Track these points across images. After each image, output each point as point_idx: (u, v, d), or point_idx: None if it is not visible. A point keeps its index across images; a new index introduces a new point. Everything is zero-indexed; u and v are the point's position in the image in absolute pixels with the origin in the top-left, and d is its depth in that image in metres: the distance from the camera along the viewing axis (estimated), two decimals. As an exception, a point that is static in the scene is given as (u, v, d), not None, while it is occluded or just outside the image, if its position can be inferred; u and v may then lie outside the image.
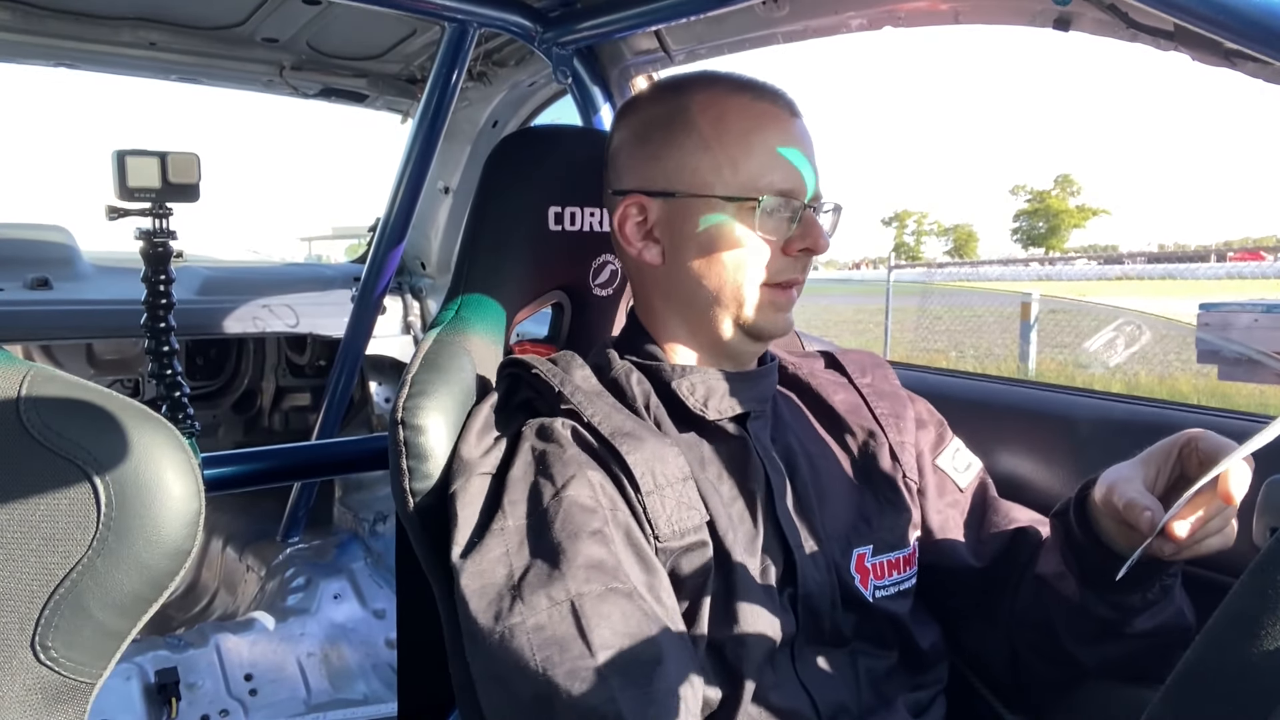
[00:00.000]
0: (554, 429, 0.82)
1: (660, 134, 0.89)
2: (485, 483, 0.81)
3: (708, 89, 0.89)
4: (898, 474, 0.97)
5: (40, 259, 2.19)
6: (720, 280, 0.87)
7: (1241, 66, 0.92)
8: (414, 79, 2.18)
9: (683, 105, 0.89)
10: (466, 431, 0.85)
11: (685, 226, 0.88)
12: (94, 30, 1.79)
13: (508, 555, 0.74)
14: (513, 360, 0.91)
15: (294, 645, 2.24)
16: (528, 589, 0.71)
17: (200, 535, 0.67)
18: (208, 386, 2.78)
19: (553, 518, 0.75)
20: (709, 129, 0.87)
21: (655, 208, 0.89)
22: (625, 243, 0.92)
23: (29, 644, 0.62)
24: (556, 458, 0.79)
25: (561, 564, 0.72)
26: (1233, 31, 0.71)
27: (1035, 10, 1.10)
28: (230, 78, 2.13)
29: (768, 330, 0.90)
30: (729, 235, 0.86)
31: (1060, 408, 1.24)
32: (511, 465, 0.81)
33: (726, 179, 0.86)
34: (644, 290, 0.95)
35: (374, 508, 2.66)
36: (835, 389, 1.01)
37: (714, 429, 0.89)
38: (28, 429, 0.63)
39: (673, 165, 0.88)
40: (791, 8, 1.34)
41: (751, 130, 0.86)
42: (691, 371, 0.90)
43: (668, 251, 0.90)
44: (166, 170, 1.65)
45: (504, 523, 0.76)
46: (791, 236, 0.87)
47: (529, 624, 0.69)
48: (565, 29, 1.56)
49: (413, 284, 2.62)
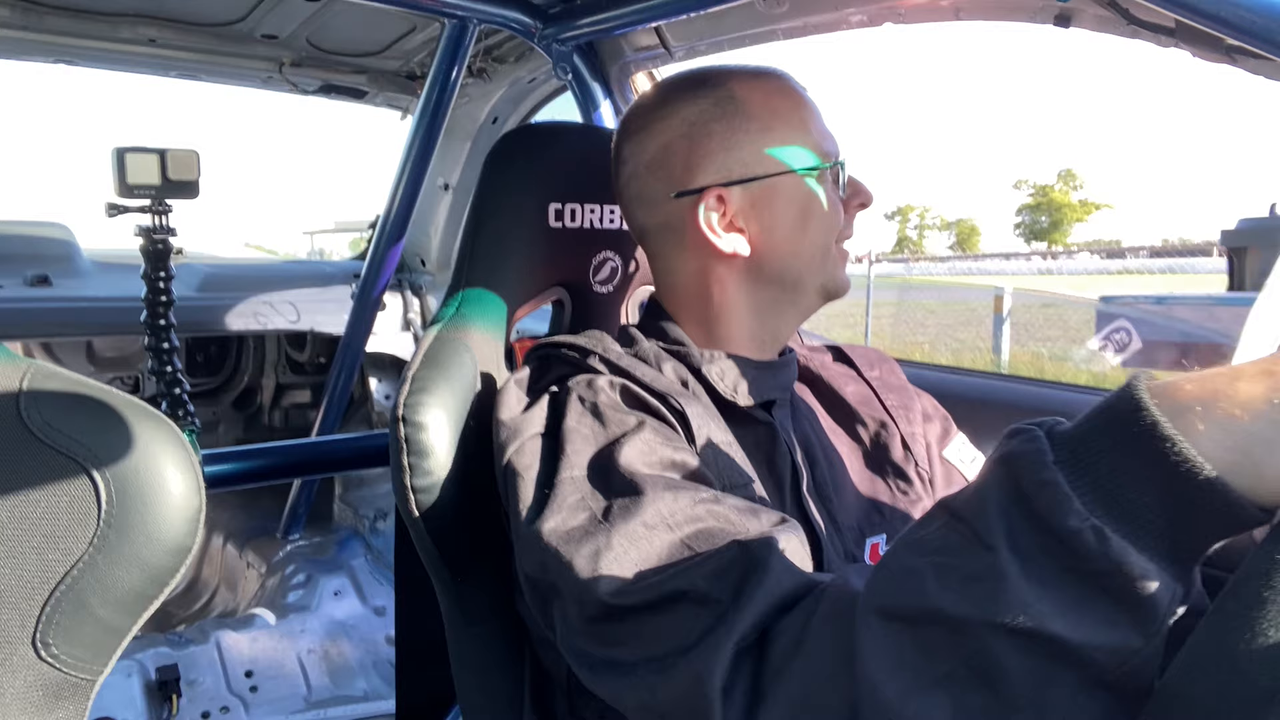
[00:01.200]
0: (600, 384, 0.81)
1: (718, 125, 0.89)
2: (539, 443, 0.79)
3: (740, 78, 0.91)
4: (910, 464, 0.97)
5: (40, 256, 2.19)
6: (812, 249, 0.90)
7: (1242, 63, 0.92)
8: (414, 75, 2.18)
9: (728, 95, 0.90)
10: (503, 403, 0.84)
11: (776, 206, 0.89)
12: (93, 27, 1.79)
13: (584, 500, 0.72)
14: (543, 344, 0.91)
15: (294, 642, 2.24)
16: (618, 523, 0.68)
17: (201, 532, 0.67)
18: (208, 383, 2.78)
19: (617, 459, 0.73)
20: (765, 112, 0.89)
21: (736, 197, 0.89)
22: (712, 236, 0.89)
23: (30, 641, 0.62)
24: (610, 408, 0.79)
25: (644, 493, 0.69)
26: (1233, 27, 0.71)
27: (1036, 6, 1.10)
28: (230, 74, 2.13)
29: (843, 287, 0.94)
30: (814, 204, 0.89)
31: (1059, 403, 1.24)
32: (564, 417, 0.78)
33: (799, 152, 0.88)
34: (708, 284, 0.92)
35: (374, 505, 2.66)
36: (846, 381, 1.02)
37: (742, 415, 0.89)
38: (28, 426, 0.63)
39: (744, 152, 0.88)
40: (791, 4, 1.34)
41: (795, 107, 0.90)
42: (719, 358, 0.90)
43: (757, 236, 0.89)
44: (166, 167, 1.65)
45: (571, 471, 0.74)
46: (847, 195, 0.92)
47: (631, 554, 0.66)
48: (565, 25, 1.56)
49: (413, 281, 2.62)
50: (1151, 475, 0.43)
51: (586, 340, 0.88)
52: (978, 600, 0.46)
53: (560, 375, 0.87)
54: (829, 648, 0.54)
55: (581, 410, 0.79)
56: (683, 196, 0.90)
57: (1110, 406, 0.45)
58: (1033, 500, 0.46)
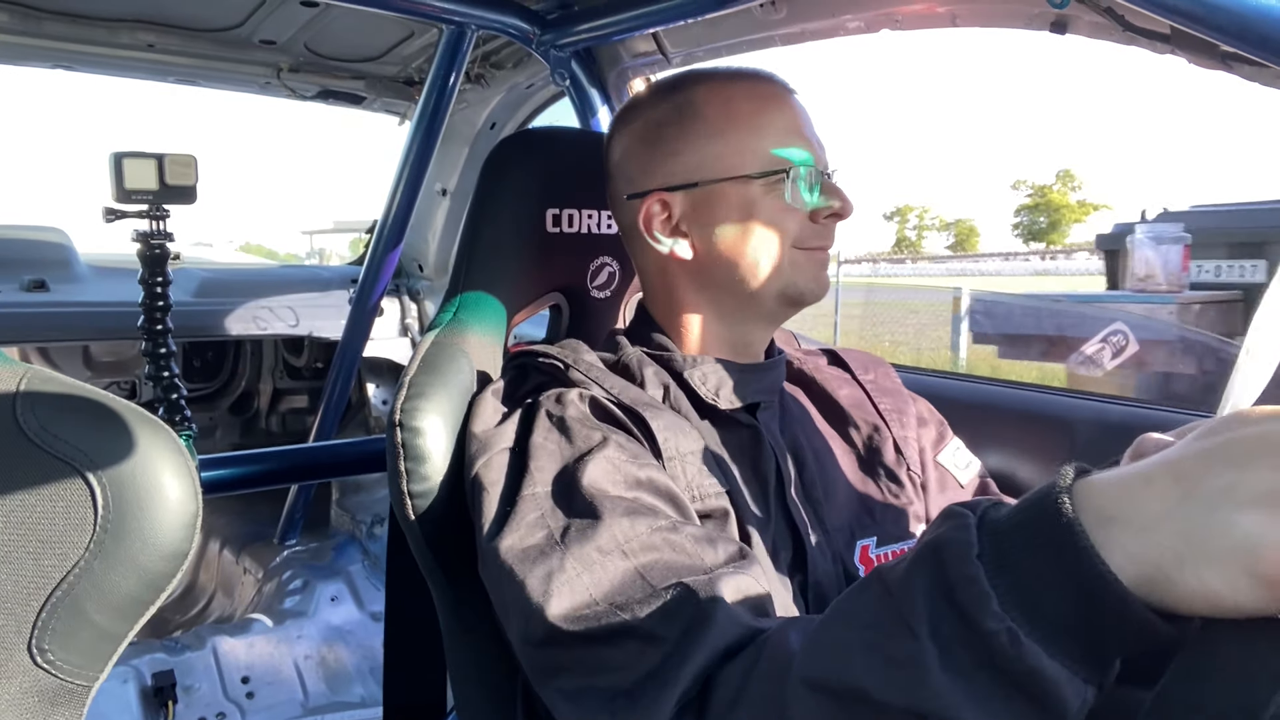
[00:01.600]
0: (570, 397, 0.82)
1: (671, 130, 0.90)
2: (506, 458, 0.80)
3: (707, 81, 0.91)
4: (901, 467, 0.97)
5: (37, 261, 2.18)
6: (754, 255, 0.89)
7: (1238, 70, 0.93)
8: (412, 81, 2.18)
9: (688, 100, 0.91)
10: (476, 416, 0.85)
11: (716, 212, 0.89)
12: (92, 32, 1.79)
13: (544, 518, 0.72)
14: (519, 353, 0.92)
15: (291, 648, 2.24)
16: (574, 546, 0.69)
17: (197, 538, 0.67)
18: (205, 388, 2.78)
19: (579, 479, 0.74)
20: (719, 117, 0.89)
21: (679, 202, 0.90)
22: (654, 241, 0.92)
23: (26, 647, 0.62)
24: (577, 422, 0.79)
25: (603, 516, 0.70)
26: (1229, 34, 0.72)
27: (1032, 13, 1.10)
28: (228, 80, 2.13)
29: (808, 291, 0.91)
30: (759, 210, 0.88)
31: (1057, 409, 1.24)
32: (531, 433, 0.79)
33: (747, 159, 0.88)
34: (670, 287, 0.94)
35: (371, 510, 2.66)
36: (839, 384, 1.02)
37: (725, 419, 0.90)
38: (24, 431, 0.62)
39: (690, 157, 0.89)
40: (789, 10, 1.34)
41: (759, 110, 0.89)
42: (702, 362, 0.91)
43: (699, 241, 0.90)
44: (164, 172, 1.65)
45: (533, 489, 0.75)
46: (817, 205, 0.89)
47: (585, 578, 0.67)
48: (563, 31, 1.56)
49: (410, 286, 2.62)
50: (1066, 582, 0.43)
51: (560, 351, 0.89)
52: (899, 686, 0.47)
53: (536, 385, 0.88)
54: (763, 709, 0.55)
55: (549, 426, 0.80)
56: (632, 199, 0.93)
57: (1035, 503, 0.45)
58: (955, 591, 0.46)
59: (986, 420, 1.25)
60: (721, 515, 0.81)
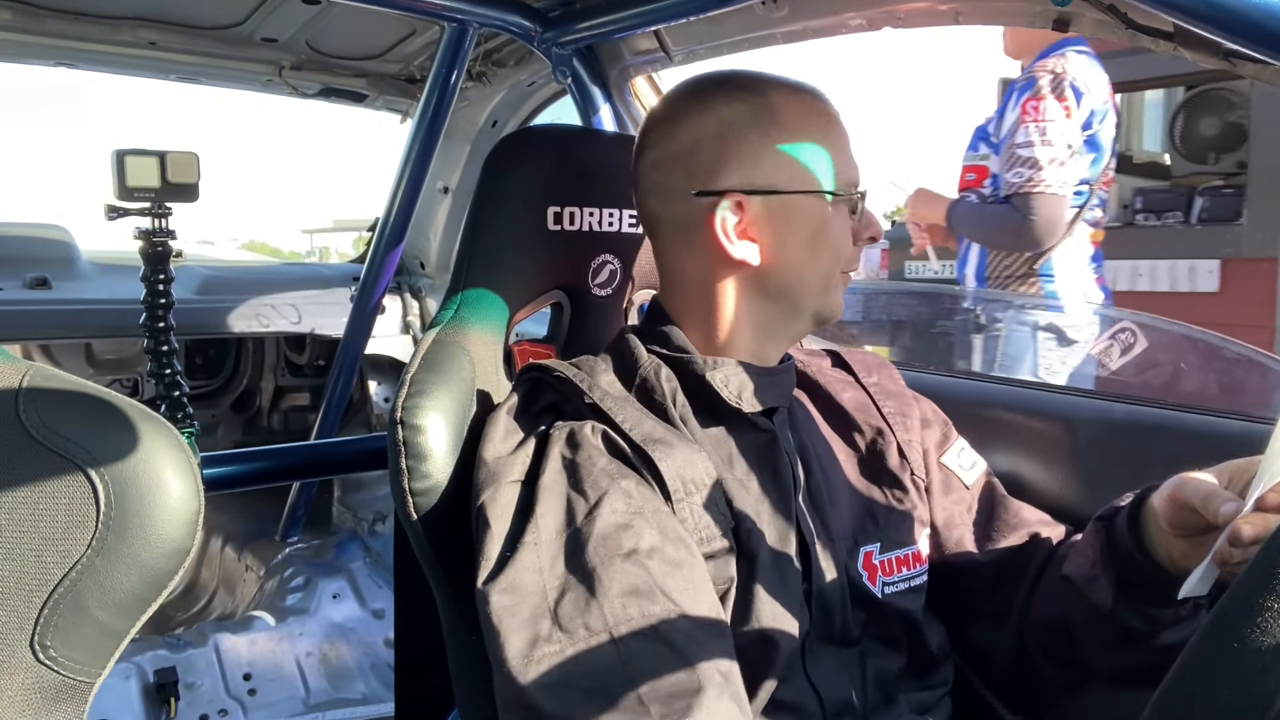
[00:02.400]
0: (584, 435, 0.80)
1: (750, 132, 0.88)
2: (515, 491, 0.79)
3: (781, 88, 0.90)
4: (905, 472, 0.97)
5: (39, 258, 2.19)
6: (819, 272, 0.90)
7: (1240, 67, 0.92)
8: (413, 79, 2.18)
9: (766, 103, 0.89)
10: (488, 438, 0.84)
11: (792, 223, 0.88)
12: (93, 30, 1.79)
13: (541, 573, 0.72)
14: (533, 366, 0.90)
15: (293, 645, 2.24)
16: (564, 616, 0.69)
17: (199, 535, 0.67)
18: (207, 386, 2.78)
19: (587, 537, 0.73)
20: (798, 128, 0.88)
21: (755, 206, 0.88)
22: (724, 241, 0.88)
23: (28, 643, 0.62)
24: (588, 469, 0.78)
25: (598, 590, 0.70)
26: (1232, 32, 0.71)
27: (1035, 11, 1.10)
28: (230, 77, 2.13)
29: (835, 314, 0.93)
30: (832, 229, 0.89)
31: (1061, 409, 1.24)
32: (541, 472, 0.78)
33: (825, 174, 0.88)
34: (714, 290, 0.91)
35: (373, 507, 2.66)
36: (843, 387, 1.02)
37: (743, 423, 0.89)
38: (27, 428, 0.62)
39: (771, 164, 0.88)
40: (791, 8, 1.34)
41: (828, 127, 0.90)
42: (723, 364, 0.89)
43: (769, 249, 0.88)
44: (166, 170, 1.65)
45: (536, 535, 0.74)
46: (858, 227, 0.92)
47: (567, 653, 0.67)
48: (565, 29, 1.56)
49: (412, 283, 2.62)
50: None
51: (576, 374, 0.86)
52: None
53: (550, 404, 0.87)
54: None
55: (559, 467, 0.79)
56: (703, 196, 0.89)
57: None
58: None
59: (989, 419, 1.24)
60: (725, 555, 0.80)
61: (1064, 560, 0.93)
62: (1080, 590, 0.89)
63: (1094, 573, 0.88)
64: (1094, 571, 0.88)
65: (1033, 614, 0.94)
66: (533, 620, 0.69)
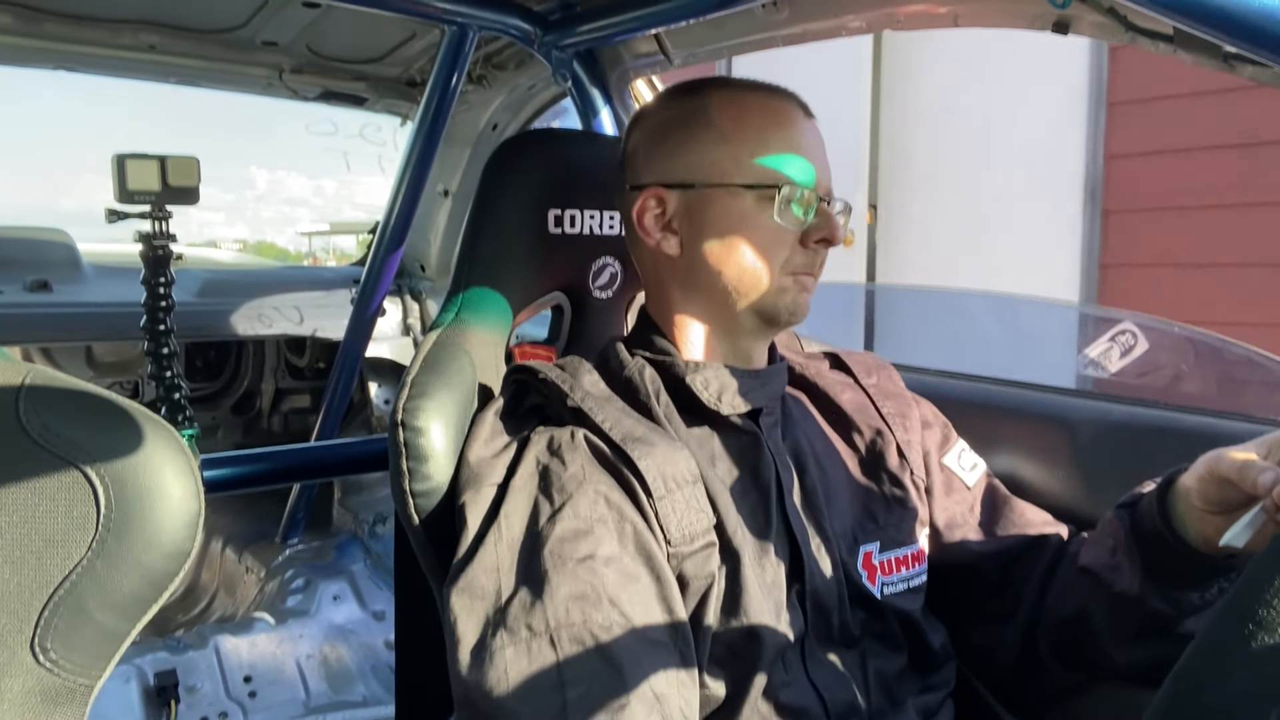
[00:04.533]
0: (562, 440, 0.82)
1: (679, 130, 0.92)
2: (491, 494, 0.80)
3: (725, 89, 0.92)
4: (905, 472, 0.97)
5: (40, 261, 2.19)
6: (739, 268, 0.89)
7: (1240, 70, 0.93)
8: (414, 82, 2.18)
9: (702, 104, 0.91)
10: (473, 439, 0.85)
11: (704, 216, 0.89)
12: (93, 33, 1.79)
13: (498, 572, 0.74)
14: (518, 367, 0.91)
15: (293, 647, 2.24)
16: (511, 616, 0.71)
17: (200, 537, 0.67)
18: (207, 388, 2.78)
19: (544, 540, 0.75)
20: (728, 124, 0.89)
21: (674, 200, 0.91)
22: (644, 234, 0.93)
23: (28, 645, 0.62)
24: (559, 474, 0.79)
25: (545, 592, 0.71)
26: (1232, 35, 0.71)
27: (1034, 14, 1.10)
28: (230, 81, 2.13)
29: (785, 314, 0.91)
30: (748, 223, 0.88)
31: (1060, 410, 1.24)
32: (514, 475, 0.80)
33: (745, 169, 0.88)
34: (660, 283, 0.95)
35: (373, 509, 2.66)
36: (842, 389, 1.02)
37: (726, 425, 0.90)
38: (27, 431, 0.63)
39: (692, 159, 0.90)
40: (791, 11, 1.34)
41: (769, 125, 0.89)
42: (705, 367, 0.90)
43: (686, 241, 0.91)
44: (166, 173, 1.65)
45: (498, 536, 0.76)
46: (808, 228, 0.89)
47: (508, 652, 0.69)
48: (565, 32, 1.56)
49: (412, 286, 2.62)
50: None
51: (559, 376, 0.87)
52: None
53: (534, 406, 0.88)
54: None
55: (532, 471, 0.80)
56: (633, 190, 0.94)
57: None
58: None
59: (988, 420, 1.24)
60: (708, 549, 0.81)
61: (1078, 554, 0.94)
62: (1102, 580, 0.89)
63: (1116, 560, 0.88)
64: (1116, 560, 0.88)
65: (1046, 611, 0.95)
66: (484, 620, 0.72)
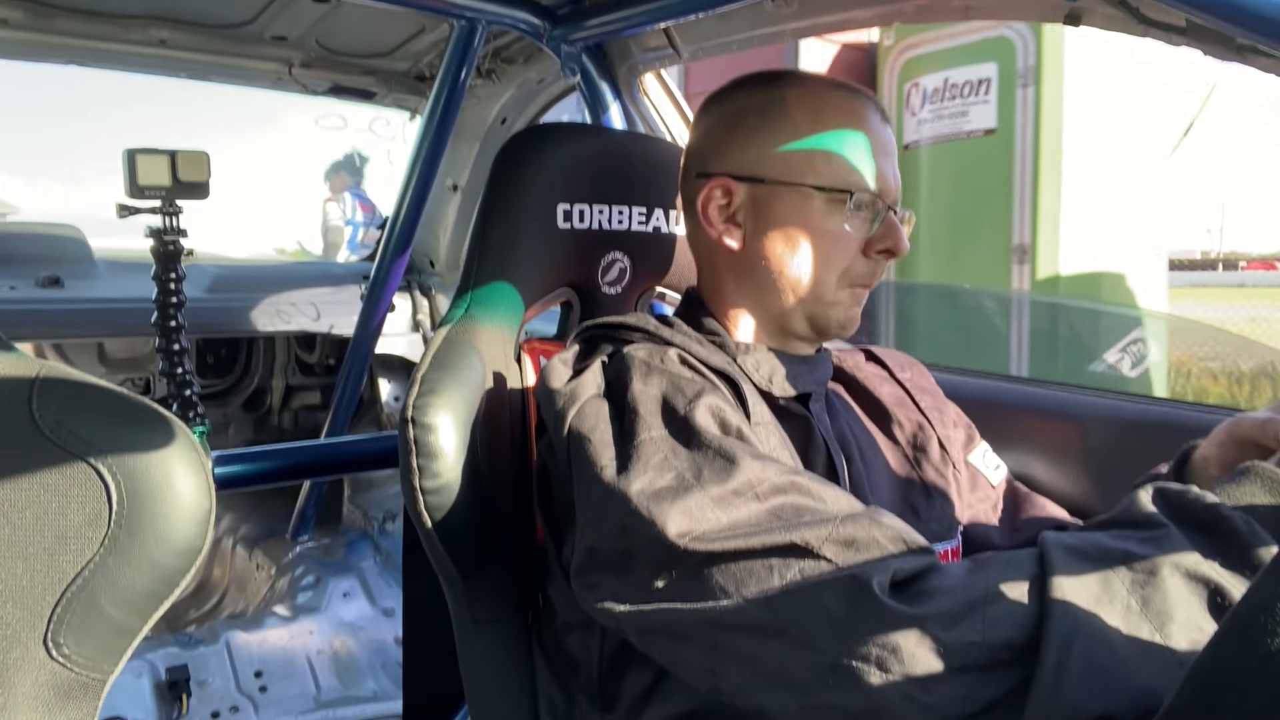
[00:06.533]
0: (663, 351, 0.81)
1: (754, 121, 0.90)
2: (600, 405, 0.77)
3: (804, 83, 0.91)
4: (947, 465, 0.97)
5: (52, 257, 2.19)
6: (799, 270, 0.88)
7: (1253, 61, 0.92)
8: (423, 76, 2.18)
9: (779, 96, 0.89)
10: (550, 375, 0.82)
11: (771, 212, 0.88)
12: (104, 28, 1.79)
13: (668, 461, 0.70)
14: (588, 325, 0.91)
15: (304, 643, 2.24)
16: (709, 486, 0.68)
17: (211, 533, 0.67)
18: (218, 385, 2.79)
19: (697, 421, 0.72)
20: (805, 120, 0.88)
21: (741, 192, 0.90)
22: (707, 224, 0.91)
23: (41, 641, 0.62)
24: (675, 373, 0.78)
25: (732, 459, 0.69)
26: (1243, 26, 0.71)
27: (1047, 5, 1.09)
28: (240, 75, 2.13)
29: (836, 326, 0.90)
30: (815, 226, 0.87)
31: (1071, 407, 1.23)
32: (630, 382, 0.77)
33: (819, 170, 0.87)
34: (715, 273, 0.94)
35: (383, 506, 2.66)
36: (880, 382, 1.02)
37: (777, 407, 0.89)
38: (40, 427, 0.63)
39: (765, 152, 0.88)
40: (800, 4, 1.33)
41: (846, 126, 0.87)
42: (755, 349, 0.90)
43: (749, 236, 0.90)
44: (176, 168, 1.65)
45: (649, 433, 0.73)
46: (873, 236, 0.88)
47: (724, 520, 0.66)
48: (574, 26, 1.56)
49: (421, 282, 2.62)
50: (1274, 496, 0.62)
51: (636, 319, 0.88)
52: (1158, 547, 0.60)
53: (610, 352, 0.86)
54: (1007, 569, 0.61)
55: (647, 373, 0.78)
56: (700, 177, 0.92)
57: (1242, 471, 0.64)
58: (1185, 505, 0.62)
59: (999, 418, 1.24)
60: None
61: None
62: None
63: None
64: None
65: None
66: (680, 497, 0.67)
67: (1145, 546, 0.60)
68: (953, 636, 0.57)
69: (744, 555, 0.64)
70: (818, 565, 0.62)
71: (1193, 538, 0.60)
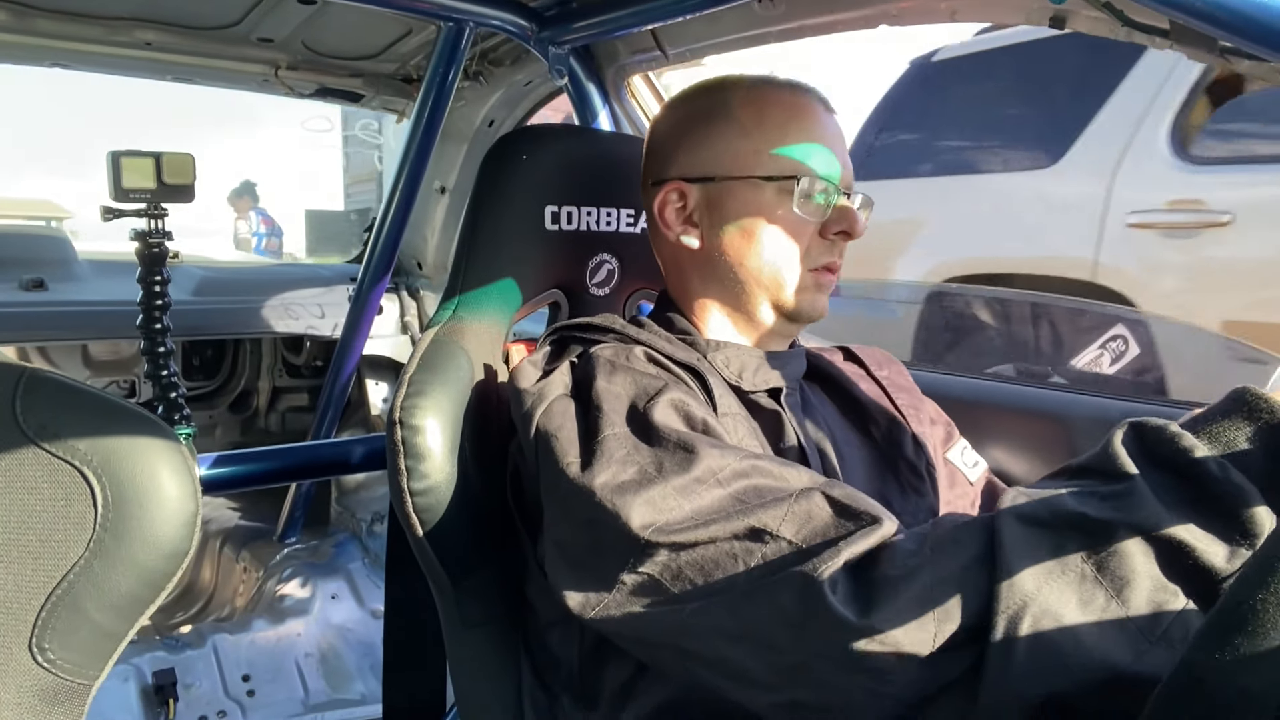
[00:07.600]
0: (629, 349, 0.83)
1: (701, 125, 0.92)
2: (568, 404, 0.80)
3: (747, 85, 0.93)
4: (921, 462, 0.97)
5: (35, 260, 2.18)
6: (759, 261, 0.90)
7: (1236, 64, 0.93)
8: (410, 78, 2.18)
9: (724, 99, 0.92)
10: (519, 375, 0.85)
11: (725, 209, 0.90)
12: (89, 30, 1.78)
13: (630, 455, 0.73)
14: (557, 326, 0.94)
15: (291, 645, 2.24)
16: (671, 477, 0.70)
17: (197, 536, 0.67)
18: (204, 387, 2.77)
19: (656, 417, 0.75)
20: (749, 119, 0.90)
21: (695, 193, 0.92)
22: (664, 227, 0.94)
23: (26, 646, 0.62)
24: (640, 370, 0.81)
25: (691, 449, 0.71)
26: (1227, 29, 0.71)
27: (1031, 7, 1.10)
28: (226, 77, 2.12)
29: (806, 312, 0.92)
30: (767, 215, 0.89)
31: (1055, 406, 1.24)
32: (594, 379, 0.79)
33: (766, 161, 0.89)
34: (680, 273, 0.96)
35: (371, 508, 2.65)
36: (857, 379, 1.03)
37: (748, 402, 0.90)
38: (24, 430, 0.62)
39: (713, 152, 0.91)
40: (786, 6, 1.34)
41: (789, 119, 0.90)
42: (725, 346, 0.92)
43: (706, 234, 0.92)
44: (161, 171, 1.64)
45: (613, 429, 0.75)
46: (828, 220, 0.90)
47: (686, 509, 0.68)
48: (561, 28, 1.56)
49: (409, 284, 2.61)
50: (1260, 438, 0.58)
51: (603, 319, 0.91)
52: (1117, 508, 0.58)
53: (579, 353, 0.88)
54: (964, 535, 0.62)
55: (612, 370, 0.80)
56: (655, 185, 0.95)
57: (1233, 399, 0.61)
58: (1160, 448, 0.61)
59: (985, 417, 1.25)
60: None
61: None
62: None
63: None
64: None
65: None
66: (643, 488, 0.69)
67: (1105, 506, 0.59)
68: (905, 635, 0.59)
69: (706, 544, 0.66)
70: (778, 547, 0.65)
71: (1163, 484, 0.59)
